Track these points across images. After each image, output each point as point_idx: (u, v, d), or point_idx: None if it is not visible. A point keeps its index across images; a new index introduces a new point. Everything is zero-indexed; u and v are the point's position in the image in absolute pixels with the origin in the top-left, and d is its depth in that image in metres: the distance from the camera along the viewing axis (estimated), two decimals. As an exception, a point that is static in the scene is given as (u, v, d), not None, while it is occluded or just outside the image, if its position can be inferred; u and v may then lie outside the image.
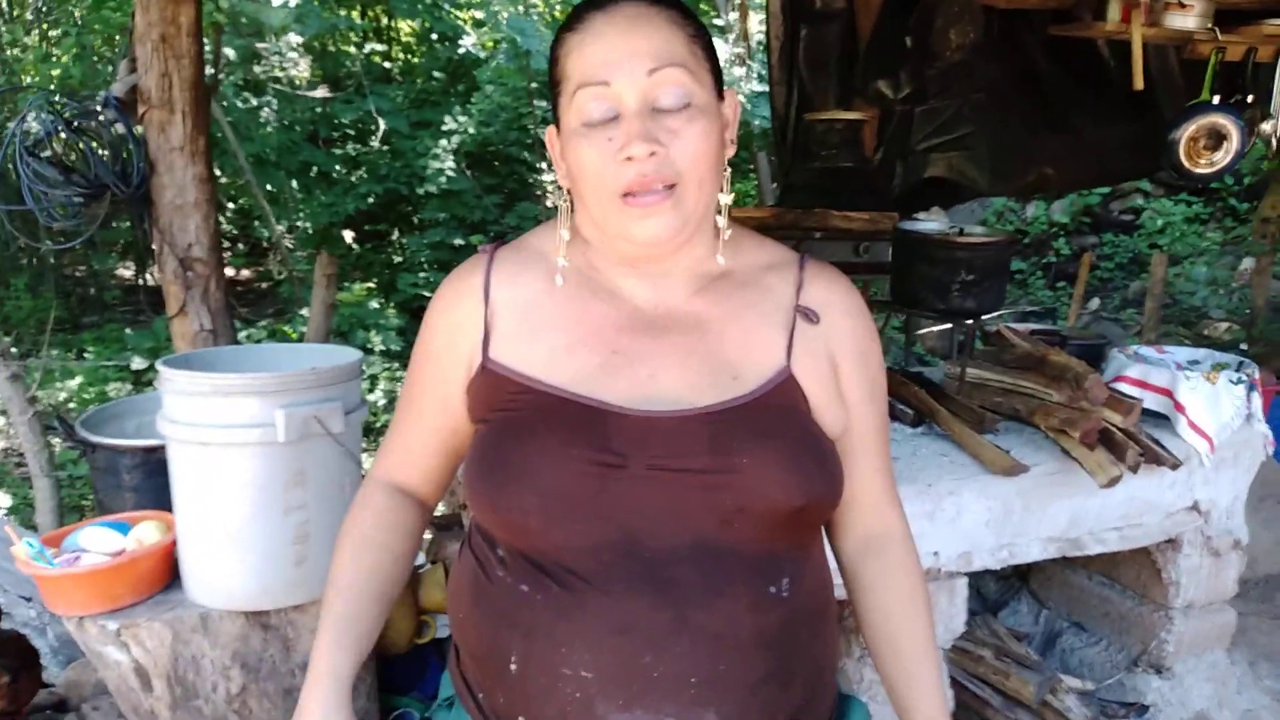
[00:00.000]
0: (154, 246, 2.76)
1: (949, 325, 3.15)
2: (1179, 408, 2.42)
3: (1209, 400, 2.39)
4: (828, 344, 1.15)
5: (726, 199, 1.13)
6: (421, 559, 2.46)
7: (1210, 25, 3.10)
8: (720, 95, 1.10)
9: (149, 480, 1.96)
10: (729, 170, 1.13)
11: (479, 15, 10.33)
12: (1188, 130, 3.18)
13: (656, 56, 1.03)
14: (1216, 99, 3.17)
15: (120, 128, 2.61)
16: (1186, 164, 3.24)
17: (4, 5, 9.58)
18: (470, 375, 1.13)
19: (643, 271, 1.13)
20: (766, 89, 3.86)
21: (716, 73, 1.10)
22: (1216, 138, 3.18)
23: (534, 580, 1.03)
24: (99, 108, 2.61)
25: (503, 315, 1.13)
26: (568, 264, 1.15)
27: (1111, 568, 2.70)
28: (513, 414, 1.07)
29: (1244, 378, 2.45)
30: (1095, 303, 7.99)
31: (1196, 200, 8.41)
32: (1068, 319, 5.64)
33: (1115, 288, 8.19)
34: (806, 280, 1.18)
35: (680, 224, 1.06)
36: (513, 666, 1.04)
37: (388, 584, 1.17)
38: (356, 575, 1.15)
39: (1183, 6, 3.08)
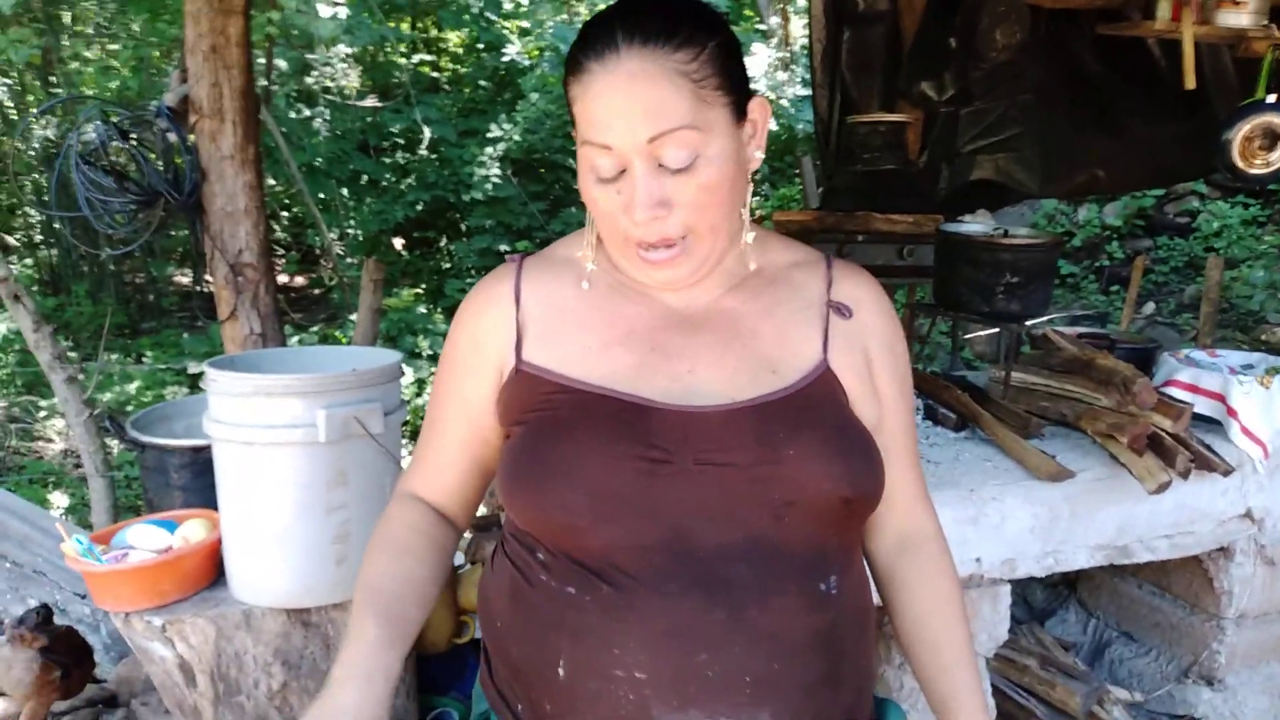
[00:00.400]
0: (205, 252, 2.82)
1: (996, 330, 3.10)
2: (1232, 412, 2.36)
3: (1263, 405, 2.33)
4: (861, 339, 1.16)
5: (749, 212, 1.13)
6: (460, 559, 2.48)
7: (1266, 23, 3.03)
8: (742, 113, 1.06)
9: (197, 479, 2.00)
10: (751, 184, 1.12)
11: (525, 24, 10.43)
12: (1242, 130, 3.11)
13: (658, 121, 0.99)
14: (1272, 98, 3.09)
15: (173, 137, 2.68)
16: (1241, 165, 3.17)
17: (67, 21, 9.87)
18: (502, 380, 1.13)
19: None
20: (809, 93, 3.83)
21: (738, 93, 1.05)
22: (1272, 138, 3.11)
23: (582, 582, 1.02)
24: (152, 117, 2.68)
25: (535, 318, 1.13)
26: (596, 268, 1.15)
27: (1162, 576, 2.64)
28: (550, 413, 1.06)
29: (1300, 382, 2.39)
30: (1150, 307, 7.82)
31: (1254, 202, 8.19)
32: (1121, 323, 5.53)
33: (1170, 292, 8.01)
34: (836, 277, 1.19)
35: (695, 268, 1.07)
36: (561, 671, 1.02)
37: (423, 595, 1.13)
38: (394, 581, 1.11)
39: (1236, 4, 3.02)
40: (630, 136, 0.99)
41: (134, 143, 2.66)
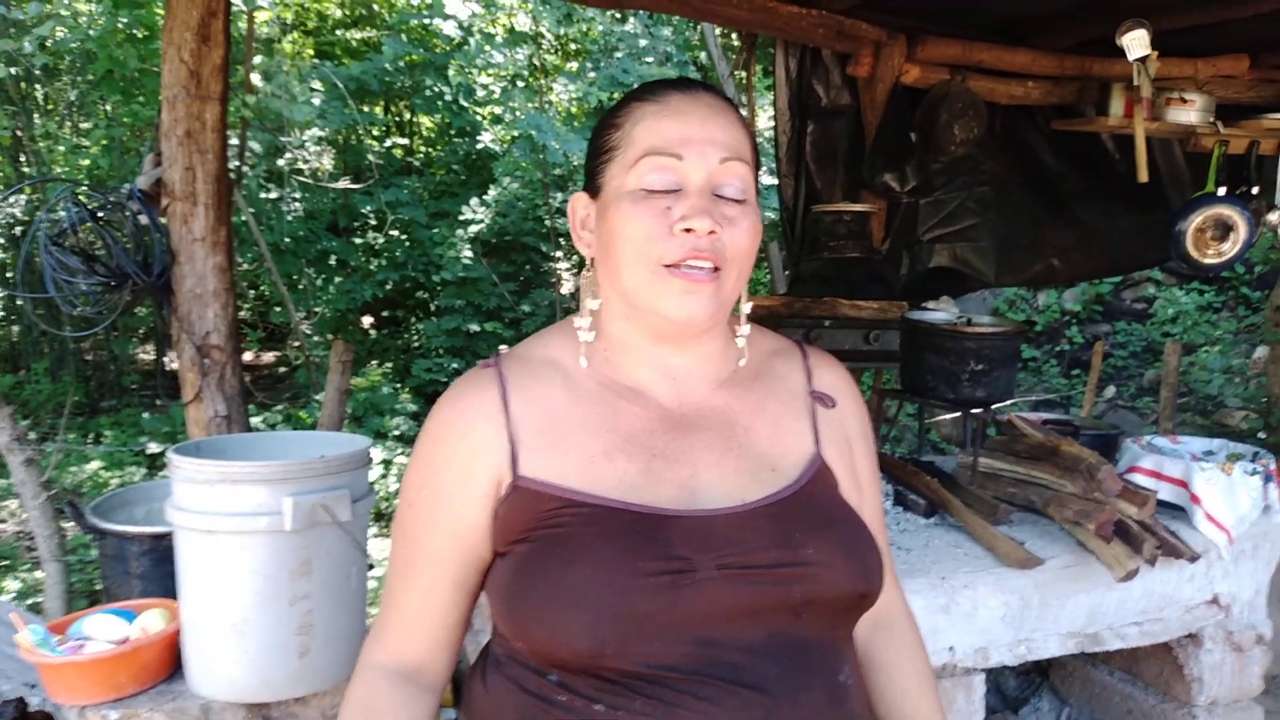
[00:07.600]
0: (172, 334, 2.80)
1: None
2: (1195, 499, 2.39)
3: (1225, 491, 2.36)
4: (843, 427, 1.19)
5: (746, 306, 1.15)
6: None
7: (1212, 120, 3.17)
8: None
9: (157, 568, 1.95)
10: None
11: (498, 110, 10.61)
12: (1194, 221, 3.22)
13: (730, 148, 1.06)
14: (1222, 190, 3.21)
15: (144, 219, 2.67)
16: (1194, 254, 3.28)
17: (39, 99, 9.91)
18: (498, 499, 1.07)
19: (664, 368, 1.12)
20: (775, 182, 3.92)
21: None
22: (1223, 228, 3.22)
23: (613, 698, 0.98)
24: (124, 200, 2.67)
25: (528, 428, 1.08)
26: (587, 364, 1.13)
27: (1133, 664, 2.64)
28: (557, 530, 1.02)
29: (1259, 469, 2.43)
30: (1110, 390, 7.95)
31: (1209, 289, 8.43)
32: (1083, 407, 5.62)
33: (1130, 376, 8.16)
34: (814, 367, 1.22)
35: (716, 308, 1.06)
36: None
37: None
38: None
39: (1184, 102, 3.15)
40: (703, 155, 1.05)
41: (104, 224, 2.64)
